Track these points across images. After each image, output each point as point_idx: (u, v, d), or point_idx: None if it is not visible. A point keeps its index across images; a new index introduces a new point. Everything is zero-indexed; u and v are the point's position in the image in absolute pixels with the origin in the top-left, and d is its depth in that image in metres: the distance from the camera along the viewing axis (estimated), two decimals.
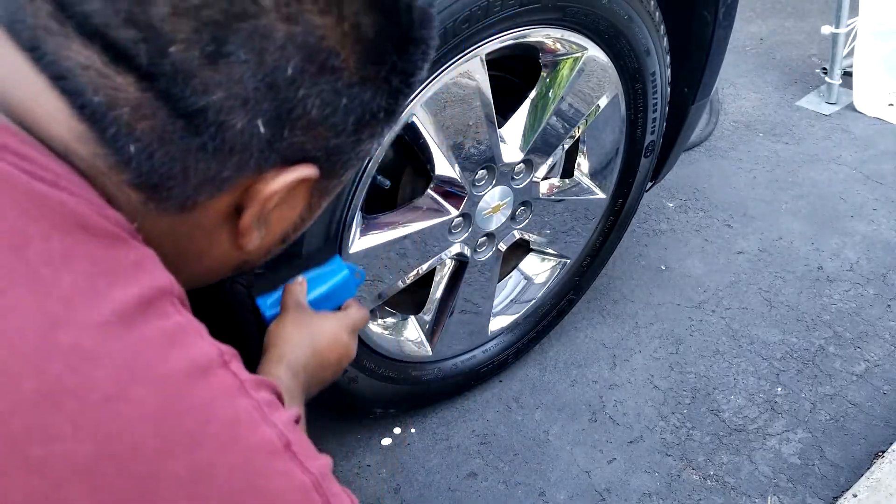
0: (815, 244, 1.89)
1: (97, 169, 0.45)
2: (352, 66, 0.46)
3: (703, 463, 1.37)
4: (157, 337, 0.41)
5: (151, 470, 0.39)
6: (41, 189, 0.40)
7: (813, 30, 2.91)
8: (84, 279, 0.40)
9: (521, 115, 1.19)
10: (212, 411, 0.42)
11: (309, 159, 0.50)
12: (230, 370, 0.44)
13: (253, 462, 0.43)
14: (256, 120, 0.45)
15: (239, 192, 0.49)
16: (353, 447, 1.39)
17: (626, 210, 1.49)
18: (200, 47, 0.42)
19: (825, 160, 2.22)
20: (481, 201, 1.18)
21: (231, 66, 0.43)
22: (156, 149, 0.44)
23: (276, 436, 0.45)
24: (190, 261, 0.53)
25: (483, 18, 0.97)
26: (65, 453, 0.37)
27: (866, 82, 2.46)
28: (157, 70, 0.42)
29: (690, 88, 1.43)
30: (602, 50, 1.18)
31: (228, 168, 0.47)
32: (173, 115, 0.43)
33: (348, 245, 1.04)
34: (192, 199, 0.48)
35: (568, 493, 1.32)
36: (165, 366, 0.41)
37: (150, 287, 0.42)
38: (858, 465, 1.36)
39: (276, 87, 0.44)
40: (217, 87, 0.43)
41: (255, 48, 0.43)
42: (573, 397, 1.49)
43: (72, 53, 0.42)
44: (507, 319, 1.44)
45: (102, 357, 0.39)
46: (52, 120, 0.43)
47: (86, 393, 0.38)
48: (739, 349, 1.60)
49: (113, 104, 0.43)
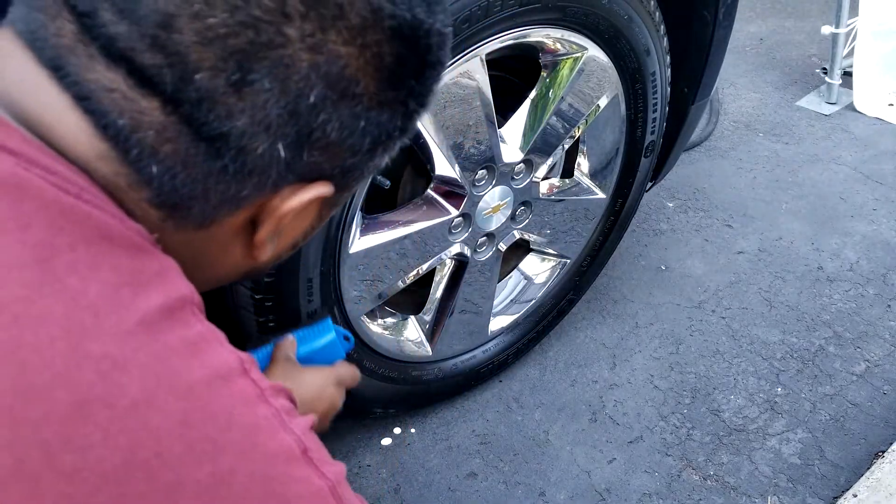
0: (815, 244, 1.89)
1: (117, 186, 0.45)
2: (371, 92, 0.47)
3: (703, 463, 1.37)
4: (180, 345, 0.42)
5: (177, 477, 0.40)
6: (68, 201, 0.41)
7: (813, 30, 2.91)
8: (110, 289, 0.41)
9: (521, 115, 1.19)
10: (233, 418, 0.43)
11: (325, 177, 0.51)
12: (250, 378, 0.45)
13: (272, 468, 0.44)
14: (277, 144, 0.46)
15: (255, 207, 0.50)
16: (353, 447, 1.39)
17: (626, 210, 1.49)
18: (226, 76, 0.43)
19: (825, 160, 2.22)
20: (481, 201, 1.18)
21: (255, 94, 0.44)
22: (178, 171, 0.45)
23: (294, 442, 0.46)
24: (202, 269, 0.54)
25: (483, 18, 0.97)
26: (96, 461, 0.38)
27: (866, 82, 2.46)
28: (182, 96, 0.43)
29: (690, 88, 1.43)
30: (602, 50, 1.18)
31: (247, 188, 0.48)
32: (196, 139, 0.44)
33: (348, 245, 1.04)
34: (211, 218, 0.49)
35: (568, 493, 1.32)
36: (189, 374, 0.42)
37: (172, 296, 0.43)
38: (858, 465, 1.36)
39: (298, 113, 0.45)
40: (241, 114, 0.44)
41: (279, 77, 0.44)
42: (573, 397, 1.49)
43: (97, 75, 0.43)
44: (507, 319, 1.44)
45: (130, 365, 0.40)
46: (73, 137, 0.44)
47: (115, 401, 0.39)
48: (739, 349, 1.60)
49: (137, 127, 0.43)
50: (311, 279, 1.02)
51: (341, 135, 0.48)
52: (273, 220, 0.51)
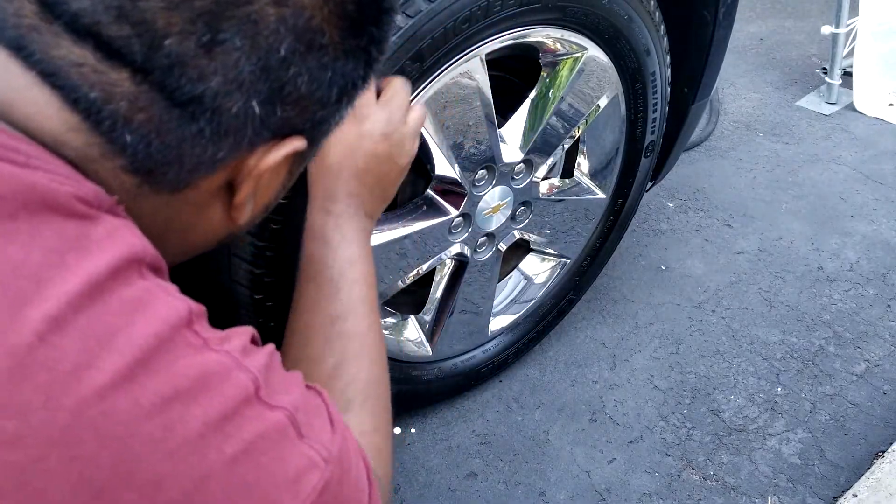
0: (815, 244, 1.89)
1: (88, 156, 0.45)
2: (336, 41, 0.48)
3: (703, 463, 1.37)
4: (121, 304, 0.42)
5: (127, 431, 0.40)
6: (10, 170, 0.41)
7: (813, 30, 2.91)
8: (55, 255, 0.40)
9: (521, 115, 1.19)
10: (179, 368, 0.42)
11: (297, 132, 0.51)
12: (193, 330, 0.44)
13: (227, 412, 0.43)
14: (251, 102, 0.46)
15: (231, 168, 0.50)
16: None
17: (626, 210, 1.49)
18: (196, 38, 0.43)
19: (825, 160, 2.22)
20: (481, 201, 1.18)
21: (226, 53, 0.44)
22: (153, 138, 0.45)
23: (249, 380, 0.45)
24: (179, 235, 0.54)
25: (483, 18, 0.97)
26: (40, 424, 0.38)
27: (866, 82, 2.46)
28: (152, 64, 0.43)
29: (690, 88, 1.43)
30: (602, 50, 1.18)
31: (223, 150, 0.48)
32: (169, 105, 0.44)
33: None
34: (187, 181, 0.49)
35: (568, 493, 1.32)
36: (132, 331, 0.41)
37: (117, 257, 0.43)
38: (858, 465, 1.36)
39: (269, 68, 0.46)
40: (213, 75, 0.44)
41: (248, 33, 0.44)
42: (573, 397, 1.49)
43: (63, 52, 0.42)
44: (507, 319, 1.44)
45: (70, 329, 0.39)
46: (38, 112, 0.44)
47: (55, 364, 0.38)
48: (739, 349, 1.60)
49: (108, 99, 0.43)
50: None
51: (311, 87, 0.49)
52: (251, 179, 0.51)
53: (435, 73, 0.98)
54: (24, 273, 0.39)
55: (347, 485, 0.51)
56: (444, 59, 0.97)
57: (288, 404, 0.47)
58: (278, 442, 0.46)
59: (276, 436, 0.46)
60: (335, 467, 0.49)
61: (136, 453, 0.40)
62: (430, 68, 0.96)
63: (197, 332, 0.44)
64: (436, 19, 0.92)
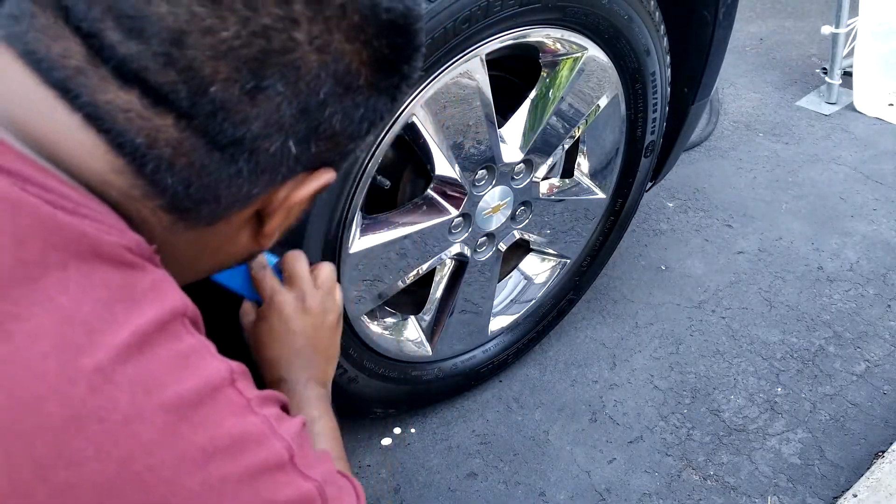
0: (815, 244, 1.89)
1: (131, 196, 0.46)
2: (370, 82, 0.50)
3: (703, 463, 1.37)
4: (170, 359, 0.43)
5: (169, 489, 0.40)
6: (63, 218, 0.41)
7: (813, 30, 2.91)
8: (102, 306, 0.41)
9: (521, 115, 1.19)
10: (223, 428, 0.43)
11: (328, 164, 0.53)
12: (237, 389, 0.46)
13: (262, 475, 0.45)
14: (289, 141, 0.48)
15: (262, 199, 0.52)
16: (353, 447, 1.39)
17: (626, 210, 1.49)
18: (240, 85, 0.44)
19: (825, 160, 2.22)
20: (481, 201, 1.18)
21: (269, 99, 0.45)
22: (193, 180, 0.46)
23: (283, 448, 0.47)
24: (206, 259, 0.56)
25: (483, 18, 0.97)
26: (89, 475, 0.38)
27: (866, 82, 2.46)
28: (197, 110, 0.44)
29: (690, 88, 1.43)
30: (602, 50, 1.18)
31: (258, 186, 0.50)
32: (211, 148, 0.46)
33: (348, 245, 1.04)
34: (221, 216, 0.51)
35: (568, 493, 1.32)
36: (179, 386, 0.42)
37: (164, 310, 0.44)
38: (858, 465, 1.36)
39: (308, 110, 0.47)
40: (255, 119, 0.46)
41: (291, 80, 0.45)
42: (573, 397, 1.49)
43: (110, 96, 0.43)
44: (507, 319, 1.44)
45: (121, 380, 0.40)
46: (84, 154, 0.44)
47: (107, 415, 0.39)
48: (739, 349, 1.60)
49: (153, 144, 0.44)
50: None
51: (344, 124, 0.50)
52: (283, 210, 0.54)
53: (435, 73, 0.98)
54: (74, 323, 0.40)
55: None
56: (444, 60, 0.98)
57: (319, 477, 0.49)
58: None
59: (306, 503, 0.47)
60: None
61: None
62: (430, 68, 0.97)
63: (241, 392, 0.46)
64: (436, 19, 0.92)
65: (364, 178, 0.99)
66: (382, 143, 0.98)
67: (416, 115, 1.00)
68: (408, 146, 1.08)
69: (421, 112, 1.01)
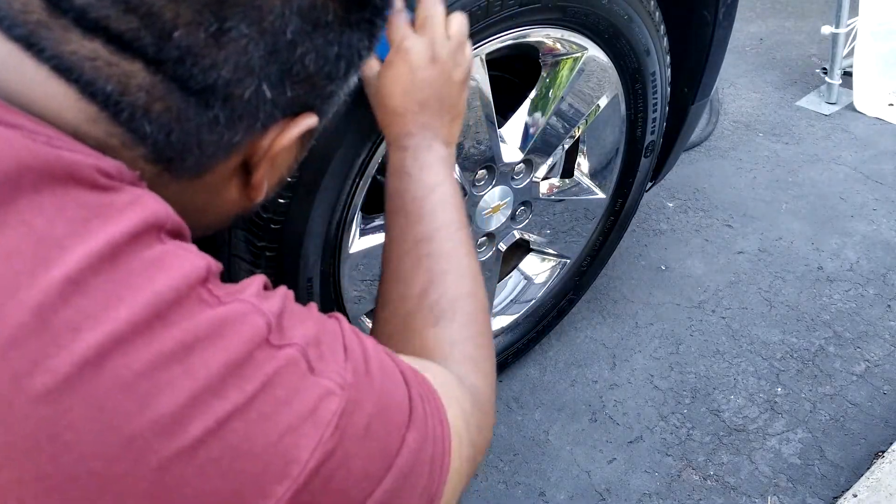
0: (815, 244, 1.89)
1: (110, 146, 0.46)
2: (341, 16, 0.49)
3: (703, 463, 1.37)
4: (141, 265, 0.42)
5: (150, 382, 0.40)
6: (34, 146, 0.41)
7: (813, 30, 2.91)
8: (77, 224, 0.41)
9: (521, 115, 1.19)
10: (197, 319, 0.43)
11: (309, 108, 0.52)
12: (206, 287, 0.45)
13: (242, 353, 0.44)
14: (262, 85, 0.47)
15: (246, 149, 0.51)
16: None
17: (626, 210, 1.49)
18: (204, 28, 0.43)
19: (825, 160, 2.22)
20: (481, 201, 1.18)
21: (235, 41, 0.45)
22: (173, 127, 0.46)
23: (264, 323, 0.45)
24: (196, 214, 0.54)
25: (483, 18, 0.97)
26: (64, 378, 0.38)
27: (866, 82, 2.46)
28: (164, 55, 0.43)
29: (690, 88, 1.43)
30: (602, 50, 1.18)
31: (238, 133, 0.49)
32: (185, 94, 0.45)
33: (348, 245, 1.04)
34: (206, 166, 0.50)
35: (568, 493, 1.32)
36: (151, 286, 0.42)
37: (139, 222, 0.43)
38: (858, 465, 1.36)
39: (277, 51, 0.46)
40: (224, 63, 0.45)
41: (254, 20, 0.45)
42: (573, 397, 1.49)
43: (74, 46, 0.43)
44: (507, 319, 1.44)
45: (91, 289, 0.40)
46: (57, 104, 0.44)
47: (79, 323, 0.39)
48: (739, 349, 1.60)
49: (125, 90, 0.44)
50: (311, 279, 1.02)
51: (318, 64, 0.49)
52: (268, 159, 0.53)
53: None
54: (48, 242, 0.40)
55: (376, 403, 0.50)
56: None
57: (300, 339, 0.47)
58: (292, 376, 0.46)
59: (289, 372, 0.46)
60: (353, 391, 0.49)
61: (158, 399, 0.40)
62: None
63: (210, 290, 0.45)
64: None
65: (364, 178, 0.99)
66: (383, 143, 0.98)
67: None
68: None
69: None
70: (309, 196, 0.93)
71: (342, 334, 0.53)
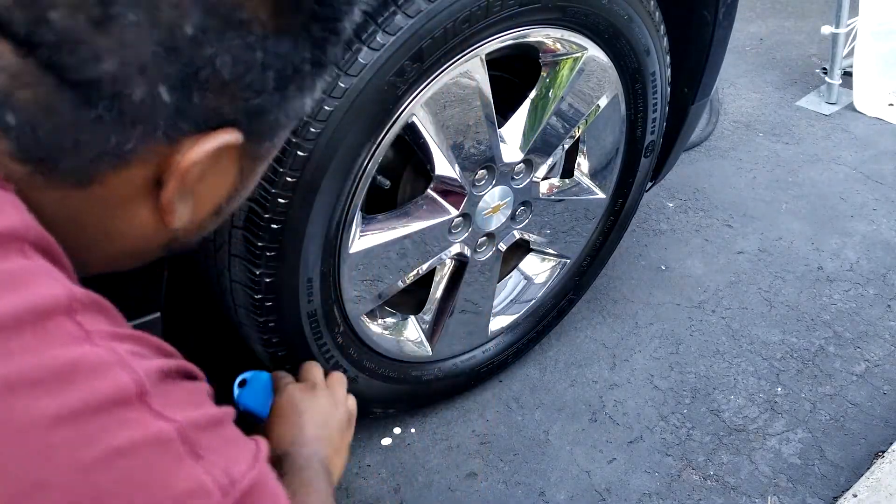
0: (815, 244, 1.89)
1: None
2: (263, 18, 0.43)
3: (703, 463, 1.37)
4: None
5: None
6: None
7: (813, 30, 2.91)
8: None
9: (521, 115, 1.19)
10: (45, 355, 0.38)
11: (229, 123, 0.46)
12: (74, 320, 0.40)
13: (96, 411, 0.38)
14: (158, 87, 0.42)
15: (153, 164, 0.45)
16: (353, 447, 1.39)
17: (626, 210, 1.49)
18: (85, 12, 0.39)
19: (825, 160, 2.22)
20: (481, 201, 1.18)
21: (121, 30, 0.40)
22: (41, 120, 0.41)
23: (131, 381, 0.39)
24: (99, 240, 0.49)
25: (483, 18, 0.97)
26: None
27: (866, 82, 2.46)
28: (37, 38, 0.39)
29: (690, 88, 1.43)
30: (602, 50, 1.18)
31: (131, 140, 0.43)
32: (60, 85, 0.40)
33: (348, 245, 1.04)
34: (89, 173, 0.44)
35: (568, 493, 1.32)
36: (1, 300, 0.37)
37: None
38: (858, 465, 1.36)
39: (175, 49, 0.41)
40: (109, 55, 0.40)
41: (145, 7, 0.40)
42: (573, 397, 1.49)
43: None
44: (507, 319, 1.44)
45: None
46: None
47: None
48: (739, 349, 1.60)
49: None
50: (311, 279, 1.02)
51: (235, 71, 0.43)
52: (176, 176, 0.46)
53: (435, 73, 0.98)
54: None
55: None
56: (444, 59, 0.98)
57: (185, 420, 0.41)
58: (159, 456, 0.39)
59: (156, 448, 0.39)
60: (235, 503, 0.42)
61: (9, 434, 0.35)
62: (430, 68, 0.97)
63: (79, 324, 0.40)
64: (436, 19, 0.92)
65: (364, 178, 0.99)
66: (382, 143, 0.98)
67: (416, 115, 1.00)
68: (408, 146, 1.08)
69: (421, 112, 1.01)
70: (309, 196, 0.93)
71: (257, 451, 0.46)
